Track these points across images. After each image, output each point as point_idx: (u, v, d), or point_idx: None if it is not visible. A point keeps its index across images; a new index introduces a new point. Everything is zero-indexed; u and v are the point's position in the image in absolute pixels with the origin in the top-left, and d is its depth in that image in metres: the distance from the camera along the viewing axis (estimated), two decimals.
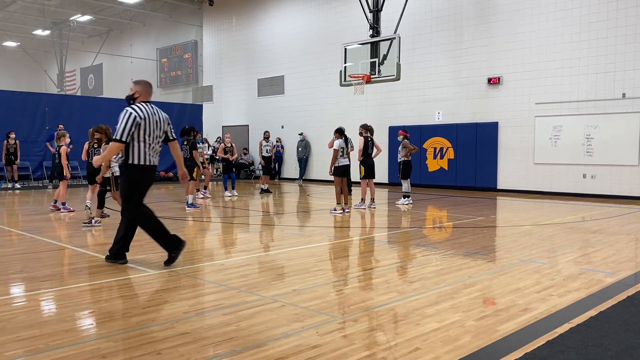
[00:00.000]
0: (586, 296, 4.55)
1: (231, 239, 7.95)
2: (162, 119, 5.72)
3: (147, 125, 5.50)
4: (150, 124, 5.53)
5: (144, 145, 5.51)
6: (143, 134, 5.48)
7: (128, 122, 5.40)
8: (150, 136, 5.55)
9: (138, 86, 5.71)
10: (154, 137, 5.61)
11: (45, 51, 33.25)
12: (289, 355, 3.20)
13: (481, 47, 15.79)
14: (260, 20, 22.39)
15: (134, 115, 5.42)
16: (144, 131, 5.48)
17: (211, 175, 16.34)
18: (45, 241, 7.31)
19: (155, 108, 5.68)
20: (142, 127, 5.46)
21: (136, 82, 5.78)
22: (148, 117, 5.51)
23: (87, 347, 3.33)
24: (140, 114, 5.46)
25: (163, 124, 5.72)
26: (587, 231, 8.30)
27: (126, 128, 5.39)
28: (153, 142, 5.61)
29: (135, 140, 5.47)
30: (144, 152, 5.52)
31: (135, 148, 5.49)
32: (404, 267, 5.81)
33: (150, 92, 5.79)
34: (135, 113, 5.44)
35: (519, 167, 15.31)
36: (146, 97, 5.69)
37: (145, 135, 5.50)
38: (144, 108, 5.53)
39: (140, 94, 5.66)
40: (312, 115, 20.46)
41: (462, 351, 3.29)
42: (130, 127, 5.40)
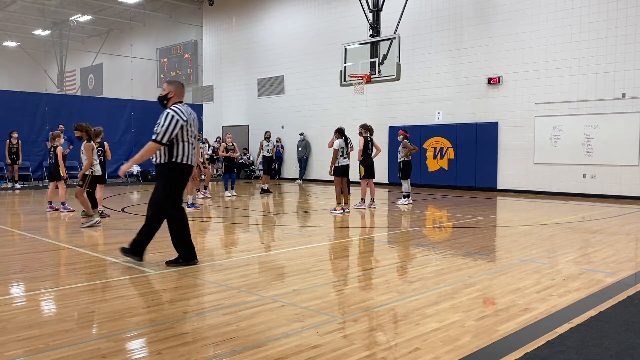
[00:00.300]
0: (586, 296, 4.55)
1: (231, 239, 7.95)
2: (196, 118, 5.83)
3: (188, 126, 5.56)
4: (190, 124, 5.60)
5: (187, 145, 5.58)
6: (186, 134, 5.54)
7: (171, 125, 5.42)
8: (192, 136, 5.63)
9: (171, 86, 5.74)
10: (194, 137, 5.71)
11: (45, 51, 33.26)
12: (289, 355, 3.20)
13: (481, 47, 15.79)
14: (260, 20, 22.39)
15: (176, 119, 5.45)
16: (187, 131, 5.54)
17: (211, 175, 16.34)
18: (45, 241, 7.31)
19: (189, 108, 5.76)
20: (184, 128, 5.50)
21: (169, 82, 5.82)
22: (188, 118, 5.58)
23: (87, 347, 3.33)
24: (182, 116, 5.50)
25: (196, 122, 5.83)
26: (587, 231, 8.30)
27: (168, 130, 5.40)
28: (194, 142, 5.70)
29: (179, 141, 5.51)
30: (188, 152, 5.59)
31: (180, 148, 5.53)
32: (404, 267, 5.81)
33: (183, 92, 5.83)
34: (178, 116, 5.47)
35: (519, 167, 15.31)
36: (180, 98, 5.75)
37: (188, 136, 5.57)
38: (183, 109, 5.59)
39: (174, 94, 5.70)
40: (312, 115, 20.46)
41: (462, 351, 3.28)
42: (172, 130, 5.42)
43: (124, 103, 21.03)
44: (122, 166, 5.85)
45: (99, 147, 9.78)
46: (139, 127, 20.81)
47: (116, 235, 7.77)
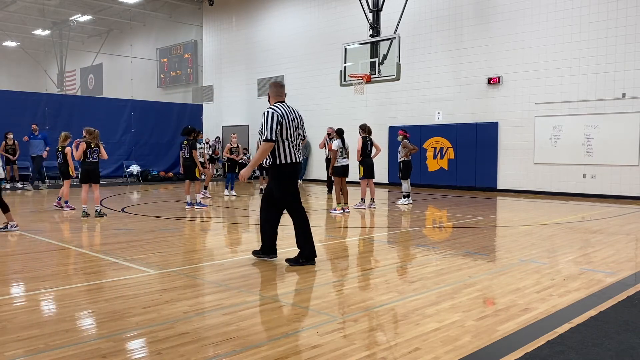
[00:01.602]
0: (586, 296, 4.55)
1: (231, 239, 7.95)
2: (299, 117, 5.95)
3: (288, 124, 5.68)
4: (290, 122, 5.71)
5: (286, 143, 5.68)
6: (285, 132, 5.65)
7: (273, 121, 5.57)
8: (292, 135, 5.74)
9: (268, 89, 6.01)
10: (296, 136, 5.81)
11: (45, 51, 33.24)
12: (289, 355, 3.20)
13: (481, 47, 15.79)
14: (260, 20, 22.39)
15: (275, 114, 5.59)
16: (286, 130, 5.66)
17: (211, 175, 16.34)
18: (45, 241, 7.31)
19: (291, 107, 5.88)
20: (283, 125, 5.62)
21: (269, 85, 6.04)
22: (287, 116, 5.70)
23: (87, 347, 3.33)
24: (279, 111, 5.65)
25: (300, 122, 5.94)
26: (587, 231, 8.30)
27: (273, 127, 5.55)
28: (294, 140, 5.78)
29: (279, 140, 5.64)
30: (289, 151, 5.71)
31: (280, 147, 5.67)
32: (404, 267, 5.81)
33: (281, 92, 5.96)
34: (276, 112, 5.62)
35: (519, 167, 15.31)
36: (279, 98, 5.91)
37: (287, 134, 5.69)
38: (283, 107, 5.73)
39: (270, 96, 5.92)
40: (312, 115, 20.44)
41: (462, 351, 3.29)
42: (275, 126, 5.56)
43: (124, 103, 21.03)
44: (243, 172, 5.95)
45: (94, 147, 9.82)
46: (139, 127, 20.82)
47: (116, 235, 7.77)
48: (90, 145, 9.78)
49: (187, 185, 11.54)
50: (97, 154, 9.92)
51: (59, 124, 18.04)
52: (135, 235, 7.69)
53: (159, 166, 21.10)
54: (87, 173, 9.87)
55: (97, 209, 9.75)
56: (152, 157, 21.05)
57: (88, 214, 9.66)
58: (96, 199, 9.98)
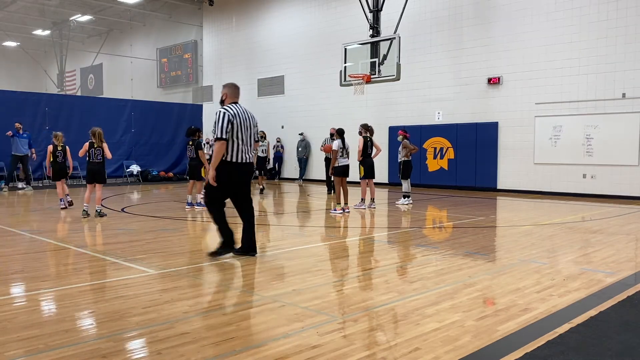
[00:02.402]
0: (586, 296, 4.55)
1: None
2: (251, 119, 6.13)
3: (239, 124, 5.86)
4: (241, 122, 5.90)
5: (235, 143, 5.85)
6: (236, 132, 5.84)
7: (224, 121, 5.77)
8: (243, 134, 5.90)
9: (225, 89, 6.18)
10: (248, 136, 5.98)
11: (45, 51, 33.25)
12: (289, 355, 3.20)
13: (481, 47, 15.79)
14: (260, 20, 22.39)
15: (227, 114, 5.79)
16: (237, 129, 5.84)
17: None
18: (45, 241, 7.31)
19: (244, 108, 6.08)
20: (234, 125, 5.82)
21: (224, 85, 6.21)
22: (238, 116, 5.88)
23: (87, 347, 3.33)
24: (230, 112, 5.84)
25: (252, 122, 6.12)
26: (587, 231, 8.30)
27: (224, 127, 5.76)
28: (245, 140, 5.94)
29: (230, 138, 5.82)
30: (236, 150, 5.87)
31: (228, 145, 5.83)
32: (404, 267, 5.81)
33: (238, 94, 6.20)
34: (228, 112, 5.82)
35: (519, 167, 15.31)
36: (233, 99, 6.10)
37: (239, 133, 5.86)
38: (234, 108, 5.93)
39: (227, 96, 6.10)
40: (312, 115, 20.46)
41: (462, 351, 3.29)
42: (226, 125, 5.76)
43: (123, 103, 21.02)
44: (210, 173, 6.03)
45: (97, 147, 9.87)
46: (139, 127, 20.82)
47: (116, 235, 7.77)
48: (93, 146, 9.80)
49: (191, 185, 11.57)
50: (101, 154, 9.93)
51: (59, 124, 18.02)
52: (135, 235, 7.69)
53: (159, 166, 21.10)
54: (92, 174, 9.89)
55: (97, 209, 9.75)
56: (152, 157, 21.05)
57: (88, 214, 9.66)
58: (97, 199, 9.99)
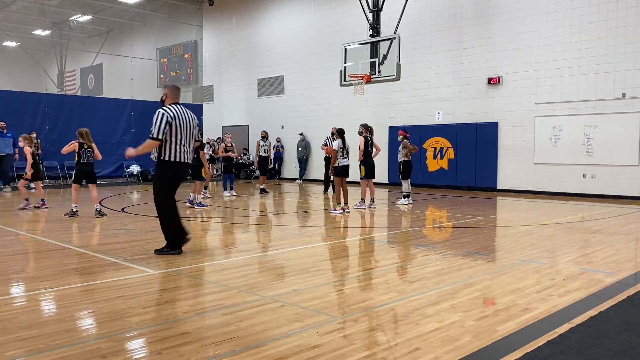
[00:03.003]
0: (586, 296, 4.55)
1: (231, 239, 7.95)
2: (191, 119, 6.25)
3: (178, 125, 6.00)
4: (180, 123, 6.03)
5: (175, 143, 5.99)
6: (175, 132, 5.97)
7: (162, 122, 5.90)
8: (182, 135, 6.04)
9: (165, 90, 6.35)
10: (187, 136, 6.12)
11: (45, 51, 33.23)
12: (289, 355, 3.20)
13: (481, 47, 15.79)
14: (260, 20, 22.39)
15: (166, 115, 5.92)
16: (176, 130, 5.98)
17: (211, 175, 16.34)
18: (45, 241, 7.31)
19: (184, 109, 6.21)
20: (173, 126, 5.95)
21: (164, 86, 6.40)
22: (178, 117, 6.01)
23: (87, 347, 3.33)
24: (170, 113, 5.96)
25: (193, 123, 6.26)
26: (587, 231, 8.30)
27: (161, 128, 5.89)
28: (184, 141, 6.06)
29: (167, 139, 5.96)
30: (175, 150, 6.01)
31: (167, 145, 5.97)
32: (404, 267, 5.81)
33: (178, 95, 6.34)
34: (167, 113, 5.94)
35: (519, 167, 15.31)
36: (173, 99, 6.23)
37: (178, 134, 6.00)
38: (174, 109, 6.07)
39: (167, 97, 6.22)
40: (312, 115, 20.46)
41: (462, 351, 3.29)
42: (164, 127, 5.89)
43: (124, 103, 21.02)
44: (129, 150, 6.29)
45: (87, 148, 9.84)
46: (139, 127, 20.80)
47: (116, 235, 7.77)
48: (83, 146, 9.77)
49: (195, 186, 11.62)
50: (92, 155, 9.89)
51: (59, 124, 18.04)
52: (135, 235, 7.69)
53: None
54: (84, 174, 9.88)
55: (97, 209, 9.76)
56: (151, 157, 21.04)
57: (77, 214, 9.69)
58: (95, 198, 9.99)
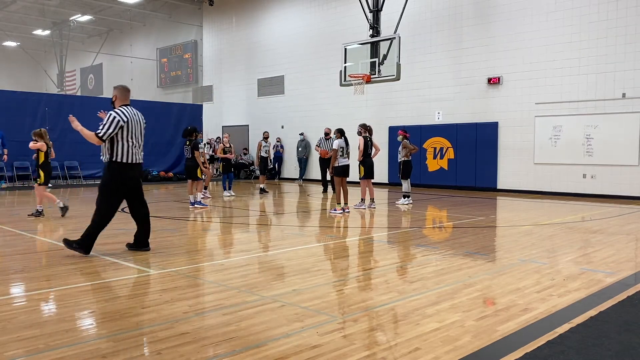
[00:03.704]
0: (586, 296, 4.55)
1: (231, 239, 7.95)
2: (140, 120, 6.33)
3: (131, 126, 6.06)
4: (133, 125, 6.10)
5: (127, 144, 6.03)
6: (127, 134, 6.01)
7: (112, 125, 5.95)
8: (134, 136, 6.10)
9: (115, 91, 6.40)
10: (139, 137, 6.19)
11: (45, 51, 33.22)
12: (289, 355, 3.20)
13: (481, 47, 15.79)
14: (260, 20, 22.39)
15: (118, 119, 5.97)
16: (128, 132, 6.02)
17: (211, 175, 16.35)
18: (45, 241, 7.31)
19: (135, 110, 6.30)
20: (124, 128, 5.99)
21: (115, 87, 6.43)
22: (131, 119, 6.08)
23: (87, 347, 3.33)
24: (123, 117, 6.02)
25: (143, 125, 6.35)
26: (587, 231, 8.30)
27: (109, 130, 5.94)
28: (135, 142, 6.11)
29: (119, 140, 5.99)
30: (127, 151, 6.04)
31: (119, 146, 6.01)
32: (404, 267, 5.81)
33: (128, 96, 6.42)
34: (119, 117, 5.99)
35: (519, 167, 15.31)
36: (123, 101, 6.30)
37: (130, 136, 6.05)
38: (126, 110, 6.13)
39: (116, 98, 6.31)
40: (312, 115, 20.45)
41: (462, 351, 3.29)
42: (112, 130, 5.94)
43: None
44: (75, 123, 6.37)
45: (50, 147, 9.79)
46: None
47: (116, 235, 7.77)
48: (49, 146, 9.68)
49: (190, 185, 11.58)
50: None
51: (59, 124, 18.01)
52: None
53: (159, 166, 21.09)
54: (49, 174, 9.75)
55: (39, 209, 9.71)
56: (152, 157, 20.99)
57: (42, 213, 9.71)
58: (51, 198, 9.88)
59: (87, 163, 19.28)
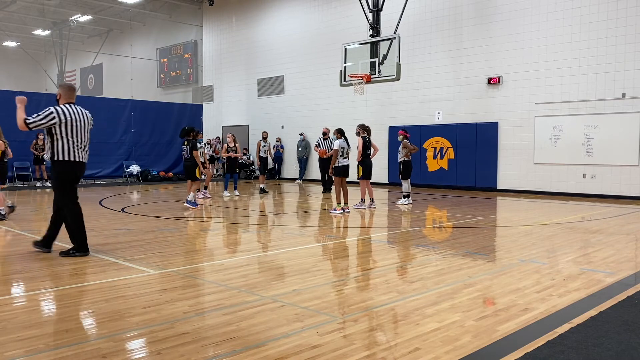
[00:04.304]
0: (586, 296, 4.55)
1: (231, 239, 7.95)
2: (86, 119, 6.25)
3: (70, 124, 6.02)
4: (72, 122, 6.04)
5: (68, 142, 6.02)
6: (66, 131, 6.00)
7: (45, 119, 6.00)
8: (76, 135, 6.07)
9: (59, 89, 6.37)
10: (82, 136, 6.14)
11: (45, 51, 33.22)
12: (289, 355, 3.20)
13: (481, 47, 15.79)
14: (260, 20, 22.39)
15: (52, 115, 5.98)
16: (67, 129, 6.00)
17: (211, 175, 16.36)
18: None
19: (80, 109, 6.23)
20: (62, 124, 5.97)
21: (59, 85, 6.41)
22: (70, 117, 6.04)
23: (87, 347, 3.33)
24: (60, 114, 6.02)
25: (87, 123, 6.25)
26: (587, 231, 8.30)
27: (39, 122, 6.00)
28: (78, 140, 6.09)
29: (59, 138, 5.99)
30: (67, 149, 6.03)
31: (59, 145, 6.00)
32: (404, 267, 5.81)
33: (72, 95, 6.34)
34: (56, 113, 5.99)
35: (519, 167, 15.31)
36: (68, 99, 6.26)
37: (70, 134, 6.03)
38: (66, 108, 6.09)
39: (60, 96, 6.28)
40: (312, 115, 20.46)
41: (462, 351, 3.29)
42: (42, 122, 5.97)
43: (124, 103, 21.02)
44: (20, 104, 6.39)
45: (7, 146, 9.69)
46: (139, 127, 20.82)
47: (116, 235, 7.77)
48: (7, 145, 9.48)
49: (189, 185, 11.53)
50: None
51: None
52: (135, 235, 7.70)
53: (159, 166, 21.10)
54: (4, 174, 9.54)
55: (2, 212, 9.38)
56: (152, 157, 21.06)
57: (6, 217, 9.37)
58: (1, 200, 9.40)
59: (87, 163, 19.27)
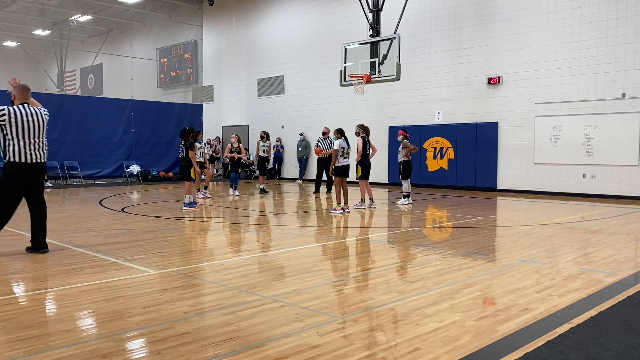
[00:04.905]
0: (586, 296, 4.55)
1: (231, 239, 7.95)
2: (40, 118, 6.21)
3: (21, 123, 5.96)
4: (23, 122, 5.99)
5: (19, 143, 5.98)
6: (17, 131, 5.95)
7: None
8: (28, 134, 6.02)
9: (14, 90, 6.26)
10: (34, 136, 6.09)
11: (45, 51, 33.23)
12: (289, 355, 3.20)
13: (481, 47, 15.79)
14: (260, 20, 22.39)
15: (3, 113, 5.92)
16: (17, 129, 5.93)
17: (211, 175, 16.37)
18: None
19: (34, 109, 6.19)
20: (13, 124, 5.92)
21: (14, 87, 6.31)
22: (22, 116, 5.99)
23: (87, 347, 3.33)
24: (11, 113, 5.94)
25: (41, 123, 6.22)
26: (587, 231, 8.30)
27: None
28: (31, 140, 6.05)
29: (10, 139, 5.95)
30: (18, 150, 6.00)
31: (10, 146, 5.98)
32: (404, 267, 5.81)
33: (26, 95, 6.26)
34: (5, 111, 5.93)
35: (519, 167, 15.31)
36: (22, 100, 6.19)
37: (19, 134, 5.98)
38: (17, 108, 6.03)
39: (14, 97, 6.20)
40: (312, 115, 20.46)
41: (462, 351, 3.29)
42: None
43: (124, 103, 21.02)
44: None
45: None
46: (139, 127, 20.82)
47: (116, 235, 7.77)
48: None
49: (187, 187, 11.51)
50: None
51: (58, 124, 18.02)
52: (135, 235, 7.70)
53: (159, 166, 21.11)
54: None
55: None
56: (152, 157, 21.06)
57: None
58: None
59: (87, 163, 19.30)
